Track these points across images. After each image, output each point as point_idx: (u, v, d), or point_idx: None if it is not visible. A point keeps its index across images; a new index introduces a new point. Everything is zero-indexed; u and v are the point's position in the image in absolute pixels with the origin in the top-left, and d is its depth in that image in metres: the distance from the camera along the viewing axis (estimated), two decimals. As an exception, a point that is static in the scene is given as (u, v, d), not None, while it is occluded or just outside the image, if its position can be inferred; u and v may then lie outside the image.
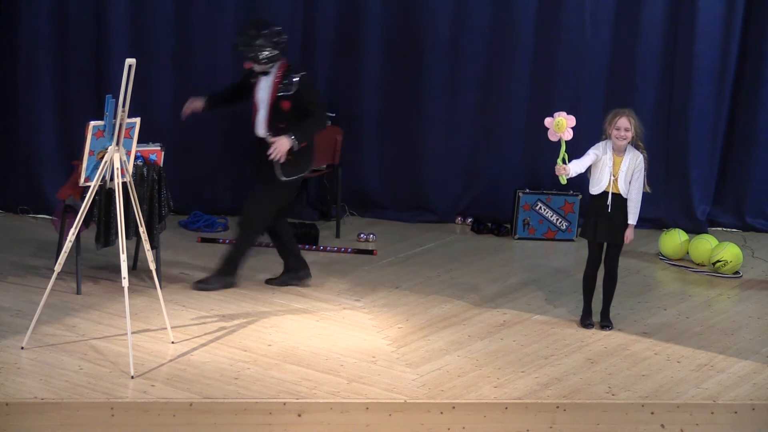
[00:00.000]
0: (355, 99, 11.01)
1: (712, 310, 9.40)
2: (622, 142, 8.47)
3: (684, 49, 11.20)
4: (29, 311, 7.90)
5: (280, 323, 8.43)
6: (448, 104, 11.08)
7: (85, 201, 7.59)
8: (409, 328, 8.54)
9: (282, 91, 8.85)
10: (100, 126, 7.47)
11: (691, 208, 11.44)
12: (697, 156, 11.41)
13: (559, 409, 7.47)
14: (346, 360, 7.86)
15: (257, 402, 7.15)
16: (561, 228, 11.01)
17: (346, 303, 8.95)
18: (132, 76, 7.19)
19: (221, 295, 8.85)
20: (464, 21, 10.95)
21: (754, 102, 11.43)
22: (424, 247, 10.50)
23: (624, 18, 11.17)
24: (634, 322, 8.95)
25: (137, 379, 7.28)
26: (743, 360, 8.34)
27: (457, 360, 8.01)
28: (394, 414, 7.28)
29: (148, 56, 10.32)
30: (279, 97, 8.85)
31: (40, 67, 10.34)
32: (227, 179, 10.86)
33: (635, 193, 8.54)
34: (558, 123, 8.27)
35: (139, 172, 8.61)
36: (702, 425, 7.59)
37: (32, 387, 7.05)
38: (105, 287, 8.80)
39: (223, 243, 10.09)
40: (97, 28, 10.38)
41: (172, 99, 10.60)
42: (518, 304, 9.17)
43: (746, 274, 10.34)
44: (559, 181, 8.52)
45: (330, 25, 10.88)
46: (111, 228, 8.52)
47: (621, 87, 11.17)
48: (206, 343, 7.95)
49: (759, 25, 11.32)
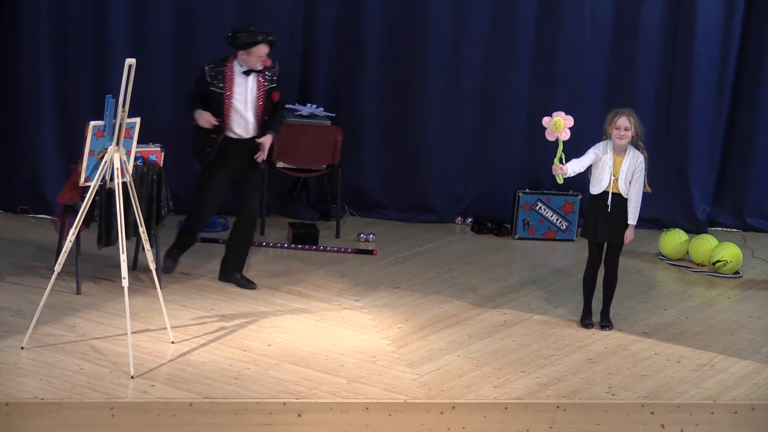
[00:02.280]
0: (355, 99, 11.01)
1: (712, 310, 9.40)
2: (622, 141, 8.47)
3: (684, 49, 11.20)
4: (29, 311, 7.90)
5: (280, 323, 8.43)
6: (448, 104, 11.08)
7: (85, 201, 7.59)
8: (409, 328, 8.54)
9: (270, 84, 8.83)
10: (100, 126, 7.48)
11: (691, 208, 11.44)
12: (697, 156, 11.41)
13: (559, 409, 7.47)
14: (346, 360, 7.86)
15: (257, 402, 7.15)
16: (561, 228, 11.01)
17: (346, 303, 8.95)
18: (132, 76, 7.19)
19: (221, 295, 8.85)
20: (464, 21, 10.94)
21: (754, 102, 11.44)
22: (424, 247, 10.49)
23: (624, 18, 11.17)
24: (634, 322, 8.95)
25: (137, 379, 7.28)
26: (743, 360, 8.34)
27: (457, 360, 8.01)
28: (394, 414, 7.28)
29: (148, 56, 10.31)
30: (269, 90, 8.83)
31: (40, 67, 10.33)
32: (227, 179, 10.85)
33: (635, 193, 8.54)
34: (555, 123, 8.27)
35: (139, 172, 8.61)
36: (702, 425, 7.59)
37: (32, 387, 7.05)
38: (105, 287, 8.80)
39: (223, 243, 10.08)
40: (97, 28, 10.37)
41: (172, 99, 10.60)
42: (518, 304, 9.17)
43: (746, 274, 10.34)
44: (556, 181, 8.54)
45: (330, 25, 10.87)
46: (111, 228, 8.52)
47: (620, 87, 11.17)
48: (206, 343, 7.95)
49: (759, 25, 11.32)
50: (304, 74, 10.92)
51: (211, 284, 9.10)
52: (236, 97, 8.77)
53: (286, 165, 10.57)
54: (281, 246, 10.15)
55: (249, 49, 8.71)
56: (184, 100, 8.98)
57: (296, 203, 11.05)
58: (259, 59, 8.74)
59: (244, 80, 8.79)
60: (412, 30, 10.93)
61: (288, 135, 10.39)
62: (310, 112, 10.68)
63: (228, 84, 8.76)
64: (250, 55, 8.72)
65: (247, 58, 8.74)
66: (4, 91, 10.41)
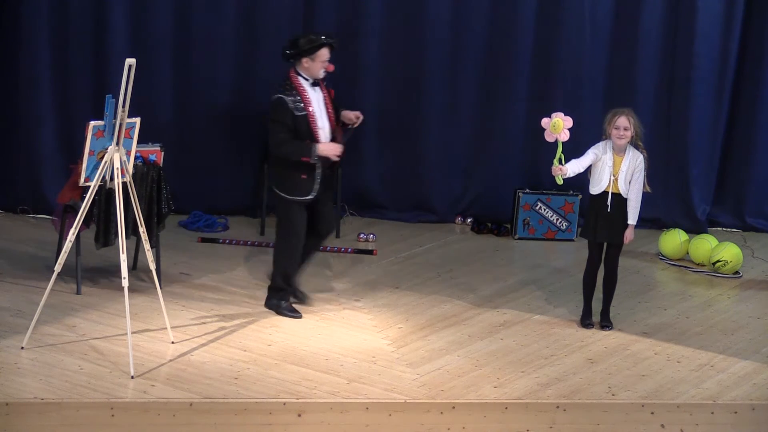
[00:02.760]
0: (355, 99, 11.00)
1: (712, 310, 9.39)
2: (621, 141, 8.47)
3: (684, 49, 11.20)
4: (29, 311, 7.90)
5: (280, 323, 8.43)
6: (448, 104, 11.08)
7: (85, 201, 7.59)
8: (409, 328, 8.54)
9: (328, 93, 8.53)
10: (100, 126, 7.48)
11: (691, 208, 11.43)
12: (697, 156, 11.41)
13: (559, 409, 7.47)
14: (346, 360, 7.86)
15: (257, 402, 7.15)
16: (561, 228, 11.01)
17: (346, 303, 8.95)
18: (132, 76, 7.19)
19: (221, 295, 8.86)
20: (464, 21, 10.95)
21: (754, 102, 11.43)
22: (424, 247, 10.49)
23: (623, 18, 11.17)
24: (634, 322, 8.95)
25: (137, 379, 7.28)
26: (743, 360, 8.34)
27: (457, 360, 8.01)
28: (394, 414, 7.28)
29: (148, 56, 10.31)
30: (332, 101, 8.52)
31: (40, 67, 10.34)
32: (227, 179, 10.86)
33: (635, 193, 8.54)
34: (555, 124, 8.27)
35: (139, 172, 8.61)
36: (702, 425, 7.59)
37: (32, 387, 7.05)
38: (105, 287, 8.80)
39: (223, 243, 10.09)
40: (97, 28, 10.38)
41: (172, 99, 10.61)
42: (518, 304, 9.17)
43: (746, 274, 10.34)
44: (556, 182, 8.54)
45: (330, 25, 10.87)
46: (111, 228, 8.52)
47: (620, 87, 11.17)
48: (206, 343, 7.95)
49: (759, 25, 11.32)
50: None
51: (211, 284, 9.10)
52: (316, 113, 8.41)
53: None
54: (281, 246, 10.14)
55: (313, 54, 8.28)
56: (282, 145, 8.28)
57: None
58: (323, 64, 8.33)
59: (314, 92, 8.41)
60: (412, 30, 10.93)
61: (288, 135, 10.39)
62: (310, 112, 10.66)
63: (306, 103, 8.32)
64: (314, 61, 8.29)
65: (311, 66, 8.31)
66: (4, 91, 10.42)
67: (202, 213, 10.61)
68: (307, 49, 8.30)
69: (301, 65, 8.35)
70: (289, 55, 8.36)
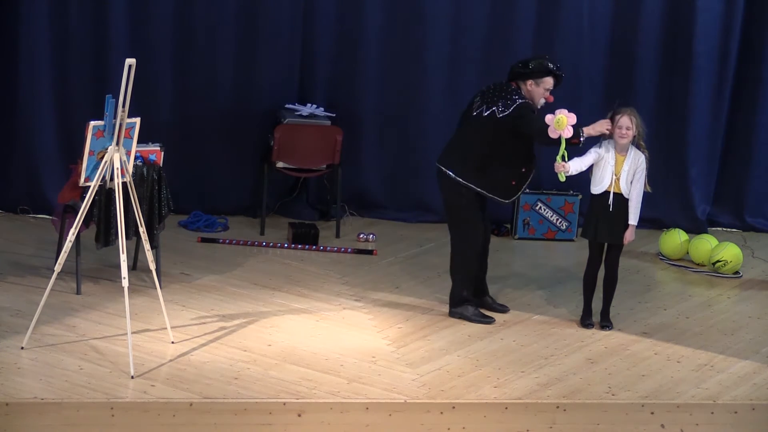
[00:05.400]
0: (355, 99, 11.01)
1: (712, 310, 9.40)
2: (623, 140, 8.47)
3: (684, 48, 11.20)
4: (29, 311, 7.90)
5: (280, 323, 8.43)
6: (448, 104, 11.06)
7: (85, 201, 7.59)
8: (409, 328, 8.54)
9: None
10: (100, 126, 7.48)
11: (691, 208, 11.43)
12: (697, 155, 11.41)
13: (559, 409, 7.47)
14: (346, 360, 7.86)
15: (257, 402, 7.15)
16: (561, 228, 11.01)
17: (346, 303, 8.95)
18: (132, 76, 7.19)
19: (221, 295, 8.86)
20: (463, 21, 10.94)
21: (754, 101, 11.43)
22: (424, 247, 10.49)
23: (623, 17, 11.17)
24: (634, 322, 8.95)
25: (137, 379, 7.28)
26: (743, 360, 8.34)
27: (457, 360, 8.01)
28: (394, 414, 7.28)
29: (148, 56, 10.31)
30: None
31: (40, 67, 10.33)
32: (227, 179, 10.86)
33: (636, 193, 8.54)
34: (558, 120, 8.26)
35: (139, 172, 8.61)
36: (702, 425, 7.59)
37: (32, 387, 7.05)
38: (105, 287, 8.80)
39: (223, 243, 10.09)
40: (97, 28, 10.37)
41: (172, 99, 10.61)
42: (518, 304, 9.16)
43: (746, 274, 10.34)
44: (558, 179, 8.52)
45: (330, 25, 10.87)
46: (111, 228, 8.52)
47: (620, 87, 11.16)
48: (206, 343, 7.95)
49: (759, 25, 11.31)
50: (304, 74, 10.91)
51: (211, 284, 9.10)
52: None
53: (285, 165, 10.56)
54: (281, 246, 10.15)
55: (539, 79, 8.43)
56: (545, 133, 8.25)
57: (296, 203, 11.05)
58: (546, 92, 8.48)
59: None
60: (412, 30, 10.92)
61: (288, 135, 10.40)
62: (310, 112, 10.67)
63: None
64: (538, 86, 8.45)
65: (534, 89, 8.46)
66: (4, 91, 10.41)
67: (202, 213, 10.61)
68: (536, 72, 8.41)
69: (525, 87, 8.48)
70: (517, 74, 8.48)
